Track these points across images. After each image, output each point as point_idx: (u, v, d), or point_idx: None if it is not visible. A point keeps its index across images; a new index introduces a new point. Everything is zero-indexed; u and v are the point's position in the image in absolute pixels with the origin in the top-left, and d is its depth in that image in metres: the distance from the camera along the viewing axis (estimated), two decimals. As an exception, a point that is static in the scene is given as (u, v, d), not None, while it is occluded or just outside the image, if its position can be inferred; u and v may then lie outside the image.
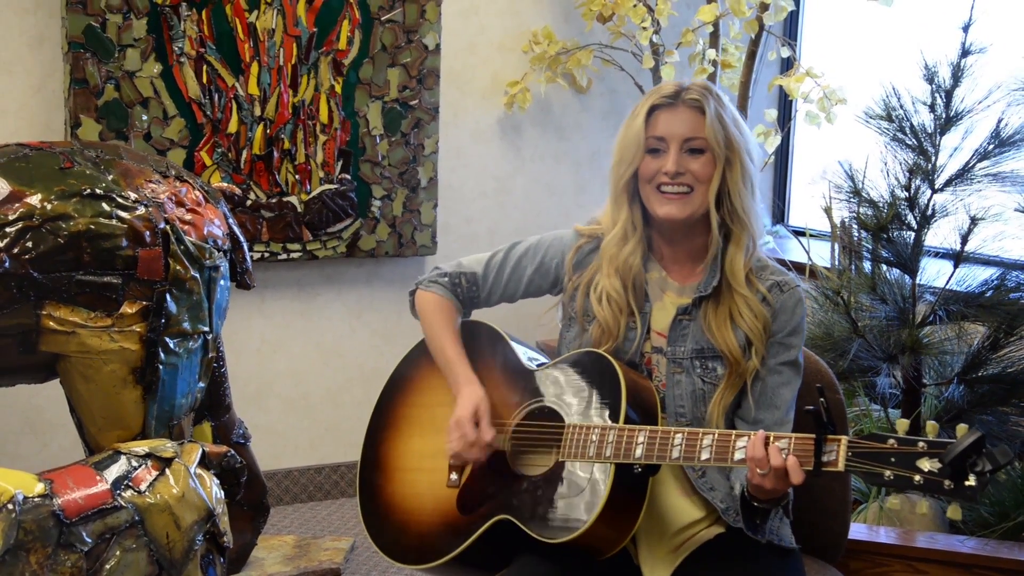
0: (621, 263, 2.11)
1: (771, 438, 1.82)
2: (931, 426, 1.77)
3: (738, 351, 2.05)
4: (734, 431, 1.89)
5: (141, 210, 2.28)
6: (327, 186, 3.63)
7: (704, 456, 1.88)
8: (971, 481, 1.63)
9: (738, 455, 1.85)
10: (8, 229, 2.15)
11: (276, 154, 3.55)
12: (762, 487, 1.83)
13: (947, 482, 1.64)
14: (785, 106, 4.31)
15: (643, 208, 2.12)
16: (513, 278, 2.26)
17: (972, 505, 2.91)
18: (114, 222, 2.24)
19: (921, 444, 1.68)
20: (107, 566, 1.97)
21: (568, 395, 2.09)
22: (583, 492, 1.95)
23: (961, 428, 1.66)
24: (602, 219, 2.20)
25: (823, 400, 1.75)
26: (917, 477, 1.67)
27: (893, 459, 1.69)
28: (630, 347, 2.11)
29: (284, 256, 3.62)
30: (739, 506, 1.97)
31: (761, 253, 2.14)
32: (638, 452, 1.93)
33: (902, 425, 1.78)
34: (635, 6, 3.60)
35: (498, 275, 2.26)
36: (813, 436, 1.77)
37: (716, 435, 1.88)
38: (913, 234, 2.98)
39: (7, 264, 2.13)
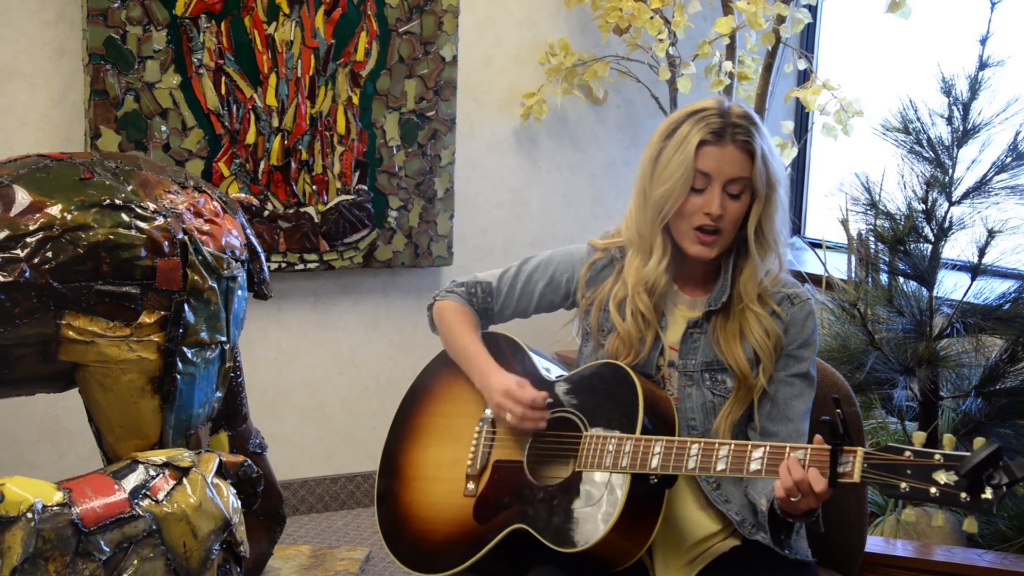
0: (652, 283, 2.11)
1: (788, 450, 1.81)
2: (948, 439, 1.77)
3: (746, 366, 2.04)
4: (750, 442, 1.89)
5: (160, 220, 2.29)
6: (344, 197, 3.64)
7: (720, 467, 1.88)
8: (988, 494, 1.62)
9: (754, 465, 1.85)
10: (28, 239, 2.16)
11: (293, 165, 3.57)
12: (796, 506, 1.83)
13: (963, 495, 1.64)
14: (802, 118, 4.31)
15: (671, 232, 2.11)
16: (525, 293, 2.26)
17: (990, 518, 2.90)
18: (133, 232, 2.25)
19: (937, 456, 1.67)
20: (125, 575, 1.98)
21: (586, 405, 2.09)
22: (599, 502, 1.95)
23: (978, 441, 1.65)
24: (624, 234, 2.18)
25: (839, 411, 1.75)
26: (933, 489, 1.66)
27: (909, 471, 1.69)
28: (646, 361, 2.11)
29: (301, 266, 3.63)
30: (767, 520, 1.96)
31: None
32: (654, 463, 1.93)
33: (919, 438, 1.78)
34: (652, 18, 3.61)
35: (510, 290, 2.27)
36: (829, 447, 1.77)
37: (732, 446, 1.89)
38: (930, 246, 2.97)
39: (27, 274, 2.15)
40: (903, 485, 1.69)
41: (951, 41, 3.33)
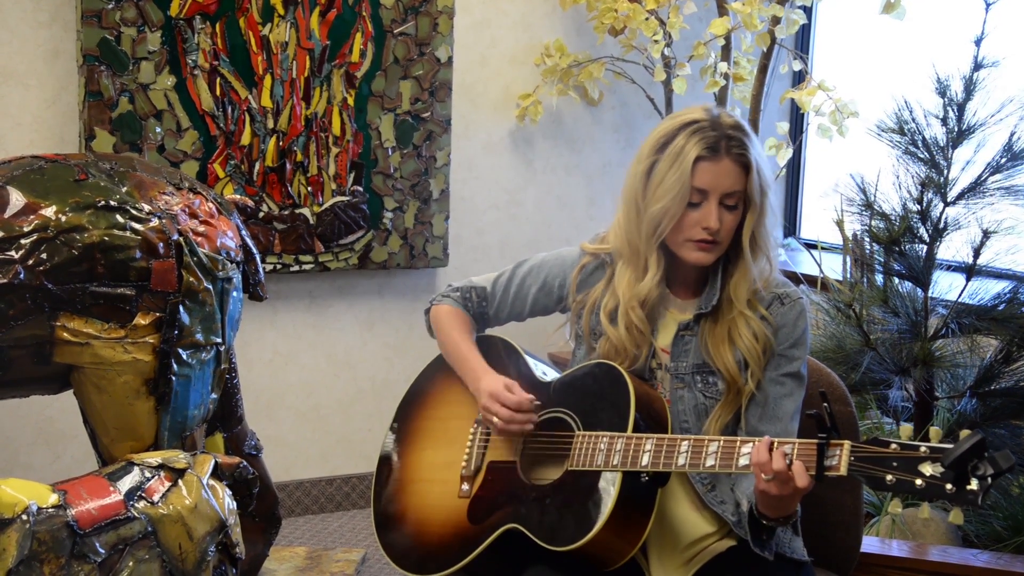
0: (644, 296, 2.10)
1: (775, 443, 1.82)
2: (934, 431, 1.78)
3: (735, 371, 2.04)
4: (739, 438, 1.90)
5: (155, 222, 2.29)
6: (339, 198, 3.64)
7: (709, 463, 1.88)
8: (973, 485, 1.62)
9: (742, 461, 1.85)
10: (23, 241, 2.16)
11: (289, 166, 3.56)
12: (768, 494, 1.82)
13: (949, 486, 1.64)
14: (797, 119, 4.31)
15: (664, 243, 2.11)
16: (518, 297, 2.28)
17: (979, 512, 2.90)
18: (128, 234, 2.25)
19: (923, 448, 1.68)
20: (120, 577, 1.98)
21: (579, 406, 2.09)
22: (590, 500, 1.95)
23: (963, 432, 1.66)
24: (612, 239, 2.17)
25: (825, 405, 1.75)
26: (919, 481, 1.67)
27: (895, 463, 1.69)
28: (638, 365, 2.12)
29: (296, 268, 3.63)
30: (746, 522, 1.97)
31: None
32: (645, 460, 1.93)
33: (905, 431, 1.79)
34: (647, 19, 3.61)
35: (504, 294, 2.28)
36: (816, 441, 1.77)
37: (721, 442, 1.89)
38: (925, 247, 2.97)
39: (22, 276, 2.14)
40: (889, 477, 1.69)
41: (946, 42, 3.34)
